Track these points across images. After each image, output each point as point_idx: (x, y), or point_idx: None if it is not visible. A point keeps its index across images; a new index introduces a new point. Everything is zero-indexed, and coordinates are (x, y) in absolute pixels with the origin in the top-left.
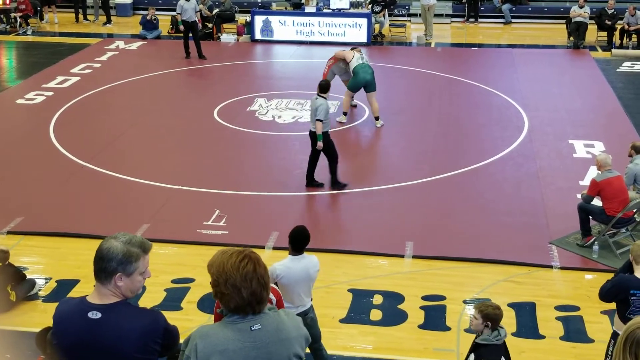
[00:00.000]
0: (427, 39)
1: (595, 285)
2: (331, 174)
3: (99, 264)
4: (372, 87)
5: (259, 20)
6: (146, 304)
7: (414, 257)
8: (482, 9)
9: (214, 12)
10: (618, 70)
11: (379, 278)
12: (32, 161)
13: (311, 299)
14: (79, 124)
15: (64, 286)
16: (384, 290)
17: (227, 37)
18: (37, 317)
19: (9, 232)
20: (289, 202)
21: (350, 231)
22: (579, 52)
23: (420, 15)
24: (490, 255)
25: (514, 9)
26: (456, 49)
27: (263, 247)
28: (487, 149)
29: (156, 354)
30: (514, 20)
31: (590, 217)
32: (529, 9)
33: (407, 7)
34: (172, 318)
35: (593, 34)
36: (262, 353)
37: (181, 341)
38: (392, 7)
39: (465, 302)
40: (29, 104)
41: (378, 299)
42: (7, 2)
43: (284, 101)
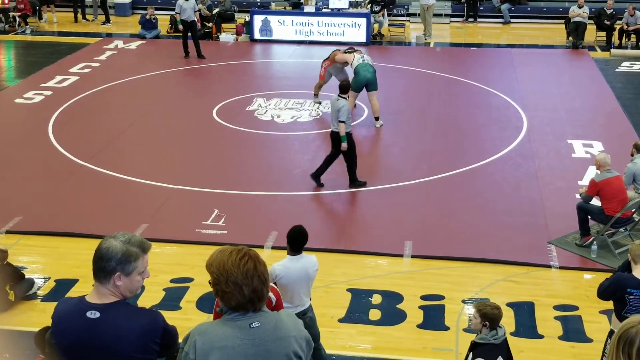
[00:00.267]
0: (426, 39)
1: (594, 285)
2: (350, 173)
3: (98, 263)
4: (374, 87)
5: (258, 20)
6: (145, 303)
7: (413, 256)
8: (481, 8)
9: (214, 11)
10: (617, 70)
11: (378, 278)
12: (31, 161)
13: (310, 299)
14: (78, 123)
15: (63, 286)
16: (383, 289)
17: (226, 36)
18: (36, 317)
19: (7, 232)
20: (288, 201)
21: (349, 231)
22: (578, 52)
23: (420, 15)
24: (489, 255)
25: (513, 8)
26: (455, 49)
27: (262, 247)
28: (486, 148)
29: (155, 353)
30: (513, 20)
31: (589, 216)
32: (528, 8)
33: (406, 6)
34: (171, 318)
35: (592, 34)
36: (261, 350)
37: (180, 340)
38: (391, 6)
39: (464, 301)
40: (27, 103)
41: (377, 299)
42: (6, 1)
43: (283, 101)
